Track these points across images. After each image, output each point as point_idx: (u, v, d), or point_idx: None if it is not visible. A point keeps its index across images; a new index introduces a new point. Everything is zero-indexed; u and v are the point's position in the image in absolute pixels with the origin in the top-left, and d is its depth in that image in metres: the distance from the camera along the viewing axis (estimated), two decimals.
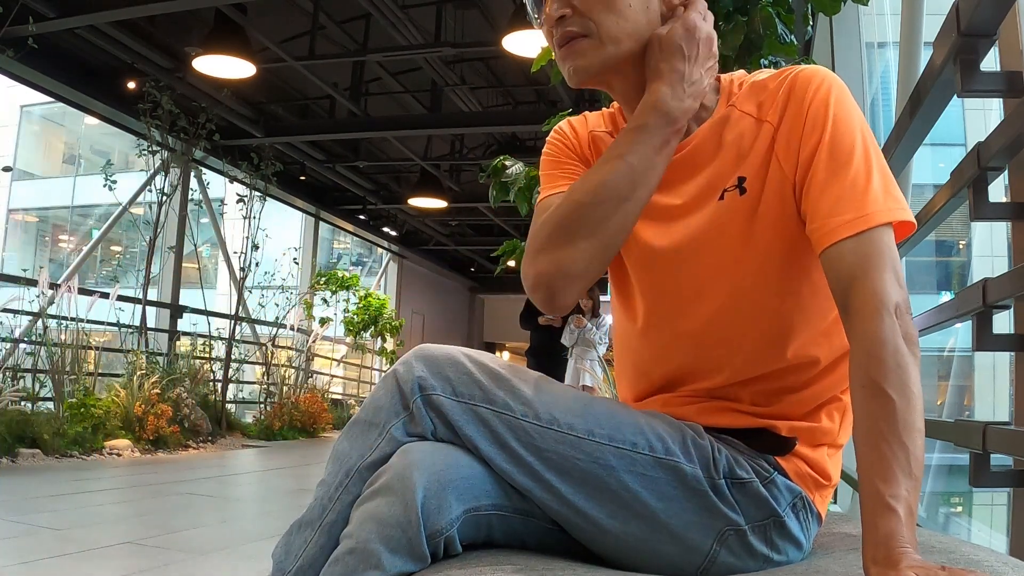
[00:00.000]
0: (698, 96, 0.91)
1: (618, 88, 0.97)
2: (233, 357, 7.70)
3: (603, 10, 0.90)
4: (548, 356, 6.63)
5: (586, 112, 1.10)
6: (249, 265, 7.59)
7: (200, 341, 7.68)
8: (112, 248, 16.42)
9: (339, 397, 11.32)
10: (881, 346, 0.74)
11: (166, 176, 6.93)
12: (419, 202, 10.65)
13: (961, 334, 3.52)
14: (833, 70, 3.65)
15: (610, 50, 0.91)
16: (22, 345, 5.74)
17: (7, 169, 16.05)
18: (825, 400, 0.92)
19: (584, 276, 0.89)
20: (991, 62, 1.55)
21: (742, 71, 0.99)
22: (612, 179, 0.88)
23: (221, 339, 7.84)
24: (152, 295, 7.30)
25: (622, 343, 1.04)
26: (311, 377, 9.43)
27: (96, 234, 11.45)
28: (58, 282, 6.19)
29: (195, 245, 8.39)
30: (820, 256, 0.83)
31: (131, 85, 7.11)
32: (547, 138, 1.09)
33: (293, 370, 8.84)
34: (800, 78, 0.89)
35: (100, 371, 6.20)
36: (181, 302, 7.98)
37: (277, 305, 8.57)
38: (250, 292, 8.15)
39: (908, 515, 0.67)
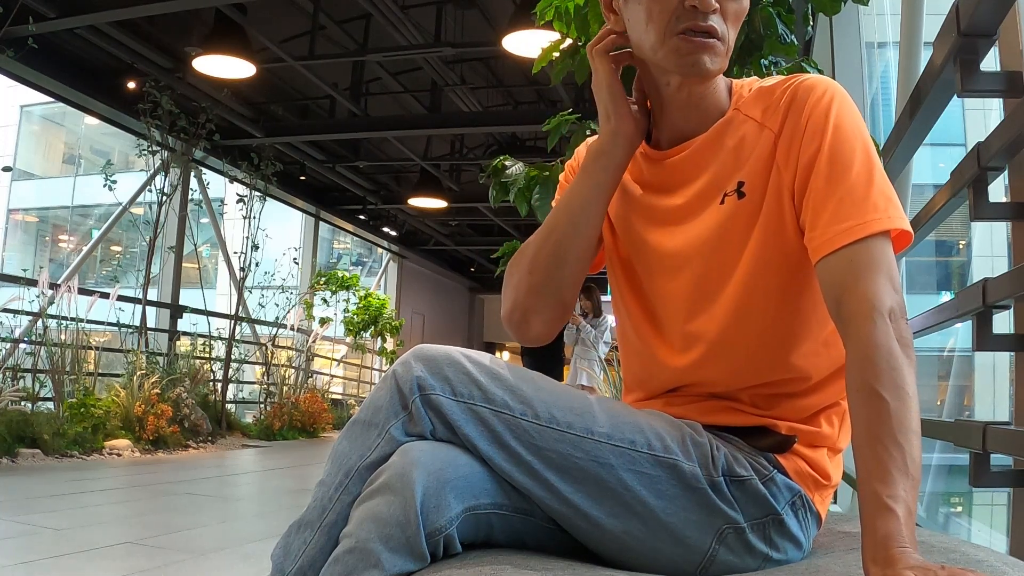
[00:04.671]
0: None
1: (677, 91, 0.94)
2: (233, 357, 7.70)
3: (736, 21, 0.91)
4: (545, 354, 6.64)
5: None
6: (249, 265, 7.59)
7: (200, 341, 7.68)
8: (112, 248, 16.42)
9: (339, 397, 11.33)
10: (875, 349, 0.74)
11: (166, 176, 6.92)
12: (419, 202, 10.65)
13: (961, 334, 3.52)
14: (833, 70, 3.66)
15: (726, 62, 0.91)
16: (22, 345, 5.74)
17: (7, 169, 16.05)
18: (825, 406, 0.93)
19: (538, 310, 0.97)
20: (991, 62, 1.55)
21: (755, 77, 0.99)
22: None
23: (221, 339, 7.84)
24: (152, 295, 7.30)
25: (625, 347, 1.05)
26: (311, 377, 9.42)
27: (96, 234, 11.45)
28: (58, 282, 6.19)
29: (195, 245, 8.39)
30: (816, 266, 0.83)
31: (131, 85, 7.10)
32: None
33: (293, 370, 8.83)
34: (803, 86, 0.89)
35: (100, 371, 6.20)
36: (181, 302, 7.98)
37: (277, 305, 8.57)
38: (250, 292, 8.15)
39: (907, 515, 0.67)
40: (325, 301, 10.93)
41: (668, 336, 0.96)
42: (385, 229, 13.48)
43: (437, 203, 10.59)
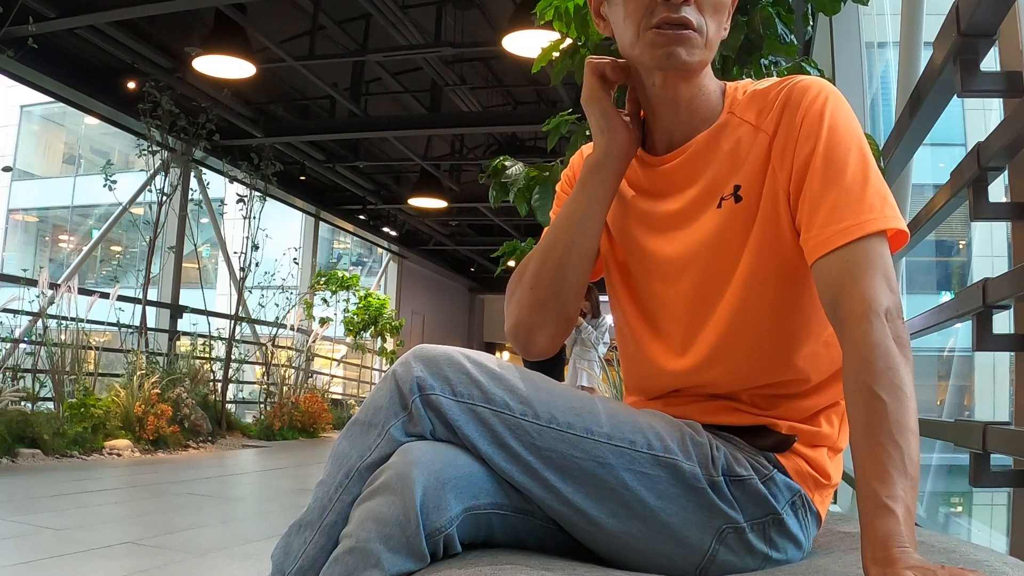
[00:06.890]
0: None
1: (662, 90, 0.93)
2: (233, 357, 7.70)
3: (715, 13, 0.90)
4: None
5: None
6: (249, 265, 7.59)
7: (200, 341, 7.68)
8: (112, 248, 16.42)
9: (339, 397, 11.33)
10: (871, 350, 0.74)
11: (166, 176, 6.92)
12: (419, 202, 10.65)
13: (961, 334, 3.52)
14: (833, 70, 3.66)
15: (707, 55, 0.90)
16: (22, 345, 5.74)
17: (7, 169, 16.03)
18: (825, 406, 0.93)
19: (542, 325, 0.98)
20: (991, 62, 1.55)
21: (749, 80, 0.99)
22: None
23: (221, 339, 7.84)
24: (152, 295, 7.30)
25: (625, 352, 1.05)
26: (311, 377, 9.43)
27: (96, 234, 11.45)
28: (58, 282, 6.19)
29: (195, 245, 8.39)
30: (812, 267, 0.83)
31: (131, 85, 7.10)
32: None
33: (293, 370, 8.83)
34: (797, 88, 0.89)
35: (100, 371, 6.20)
36: (181, 302, 7.98)
37: (277, 305, 8.57)
38: (250, 292, 8.15)
39: (906, 515, 0.67)
40: (325, 301, 10.94)
41: (668, 341, 0.96)
42: (385, 229, 13.48)
43: (437, 203, 10.59)
